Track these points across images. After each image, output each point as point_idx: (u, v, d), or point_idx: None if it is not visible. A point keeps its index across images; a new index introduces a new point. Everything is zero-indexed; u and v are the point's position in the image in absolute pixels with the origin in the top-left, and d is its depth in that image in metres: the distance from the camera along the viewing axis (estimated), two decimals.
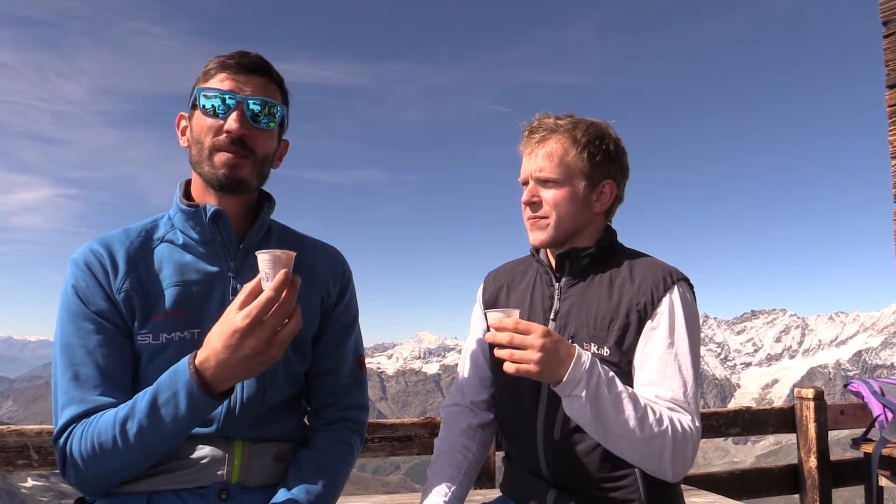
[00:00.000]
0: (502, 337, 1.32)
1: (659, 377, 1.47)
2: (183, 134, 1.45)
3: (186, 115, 1.44)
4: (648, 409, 1.39)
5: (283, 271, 1.12)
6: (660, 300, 1.52)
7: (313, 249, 1.56)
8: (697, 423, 1.45)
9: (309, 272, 1.47)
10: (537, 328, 1.32)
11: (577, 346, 1.37)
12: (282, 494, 1.32)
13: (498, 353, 1.34)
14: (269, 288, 1.12)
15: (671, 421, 1.40)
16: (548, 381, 1.36)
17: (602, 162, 1.62)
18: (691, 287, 1.60)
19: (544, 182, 1.60)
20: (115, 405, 1.24)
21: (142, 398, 1.20)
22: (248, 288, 1.14)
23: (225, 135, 1.34)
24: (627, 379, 1.50)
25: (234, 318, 1.13)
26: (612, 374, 1.40)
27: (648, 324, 1.51)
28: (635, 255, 1.65)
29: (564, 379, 1.32)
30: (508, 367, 1.32)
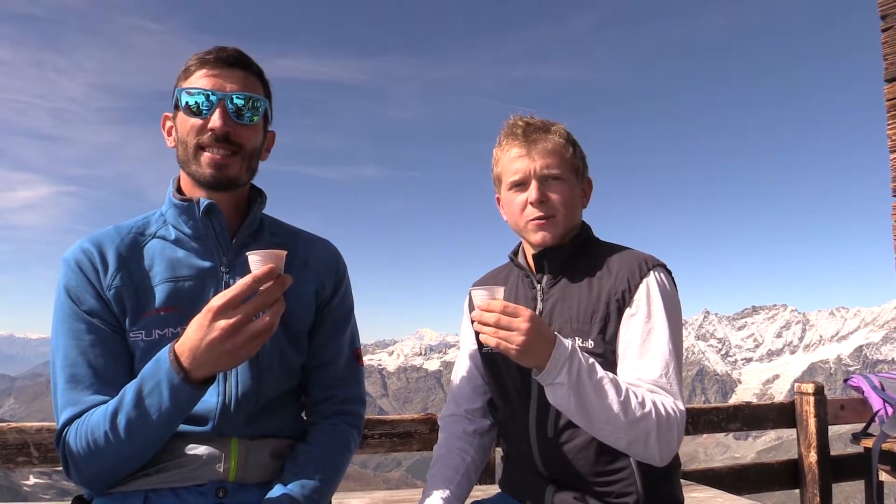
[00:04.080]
0: (489, 317, 1.32)
1: (639, 361, 1.48)
2: (169, 134, 1.45)
3: (171, 115, 1.44)
4: (630, 392, 1.39)
5: (268, 266, 1.13)
6: (637, 287, 1.53)
7: (307, 243, 1.55)
8: (681, 406, 1.45)
9: (303, 265, 1.47)
10: (525, 312, 1.32)
11: (559, 335, 1.38)
12: (277, 489, 1.31)
13: (477, 327, 1.34)
14: (249, 276, 1.13)
15: (654, 404, 1.40)
16: (528, 366, 1.37)
17: (583, 159, 1.69)
18: (669, 273, 1.60)
19: (552, 179, 1.60)
20: (107, 402, 1.24)
21: (129, 390, 1.20)
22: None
23: (209, 133, 1.34)
24: (612, 369, 1.50)
25: (211, 298, 1.14)
26: (592, 360, 1.40)
27: (627, 311, 1.52)
28: (612, 247, 1.66)
29: (546, 366, 1.33)
30: (490, 340, 1.32)
